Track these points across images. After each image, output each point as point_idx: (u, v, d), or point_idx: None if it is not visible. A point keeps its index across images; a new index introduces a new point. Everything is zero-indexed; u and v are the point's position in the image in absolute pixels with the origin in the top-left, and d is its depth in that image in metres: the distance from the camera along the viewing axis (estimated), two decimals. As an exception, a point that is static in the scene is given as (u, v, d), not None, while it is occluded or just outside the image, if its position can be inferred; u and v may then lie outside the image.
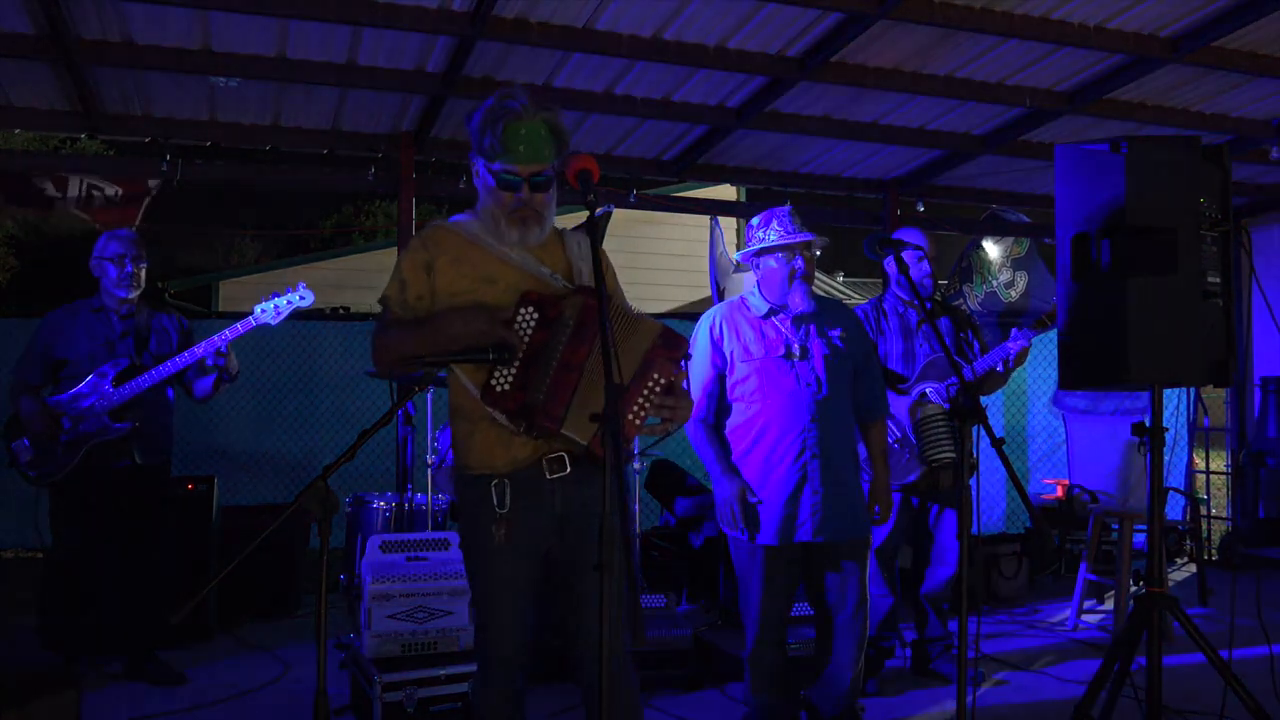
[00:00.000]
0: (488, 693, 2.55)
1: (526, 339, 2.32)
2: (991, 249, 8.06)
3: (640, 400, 2.35)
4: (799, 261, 3.48)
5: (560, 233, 2.61)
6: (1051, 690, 4.32)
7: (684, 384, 2.49)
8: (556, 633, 2.71)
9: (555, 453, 2.44)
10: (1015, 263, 8.00)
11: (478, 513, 2.47)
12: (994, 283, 8.04)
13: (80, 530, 4.26)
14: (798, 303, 3.49)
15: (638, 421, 2.37)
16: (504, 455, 2.43)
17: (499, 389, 2.31)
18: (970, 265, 8.15)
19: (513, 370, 2.31)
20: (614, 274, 2.68)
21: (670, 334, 2.43)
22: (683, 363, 2.46)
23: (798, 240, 3.46)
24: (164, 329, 4.43)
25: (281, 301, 4.20)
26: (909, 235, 4.45)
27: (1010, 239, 7.96)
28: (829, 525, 3.42)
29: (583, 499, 2.48)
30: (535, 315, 2.33)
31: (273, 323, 4.20)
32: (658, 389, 2.37)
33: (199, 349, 4.16)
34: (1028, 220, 7.92)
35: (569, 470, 2.45)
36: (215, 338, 4.13)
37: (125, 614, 4.37)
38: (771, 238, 3.48)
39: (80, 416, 4.14)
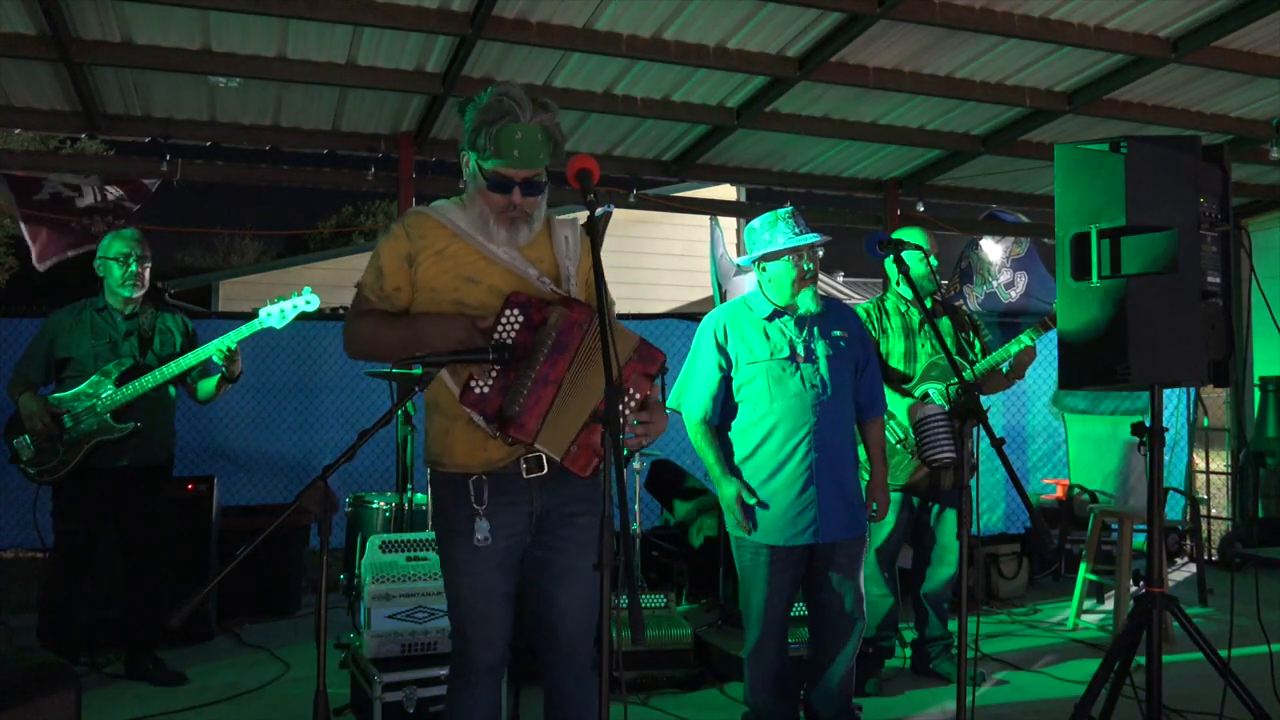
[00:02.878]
0: (465, 698, 2.49)
1: (510, 342, 2.30)
2: (991, 249, 8.07)
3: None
4: (807, 263, 3.48)
5: (548, 223, 2.54)
6: (1051, 690, 4.31)
7: (659, 398, 2.43)
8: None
9: (533, 453, 2.39)
10: (1015, 263, 8.01)
11: (454, 511, 2.43)
12: (994, 283, 8.04)
13: (82, 530, 4.26)
14: (806, 304, 3.50)
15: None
16: (479, 455, 2.40)
17: (478, 391, 2.29)
18: (970, 266, 8.15)
19: (493, 374, 2.29)
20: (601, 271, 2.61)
21: (646, 348, 2.38)
22: (660, 378, 2.41)
23: (806, 243, 3.46)
24: (168, 329, 4.43)
25: (287, 305, 4.19)
26: (911, 235, 4.45)
27: (1010, 239, 7.96)
28: (831, 526, 3.43)
29: (560, 498, 2.45)
30: (520, 319, 2.30)
31: (278, 326, 4.19)
32: (631, 404, 2.32)
33: (204, 350, 4.16)
34: (1027, 220, 7.92)
35: (545, 470, 2.41)
36: (220, 340, 4.12)
37: (126, 613, 4.37)
38: (780, 241, 3.47)
39: (82, 415, 4.14)
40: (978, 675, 4.39)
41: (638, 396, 2.34)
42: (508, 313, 2.31)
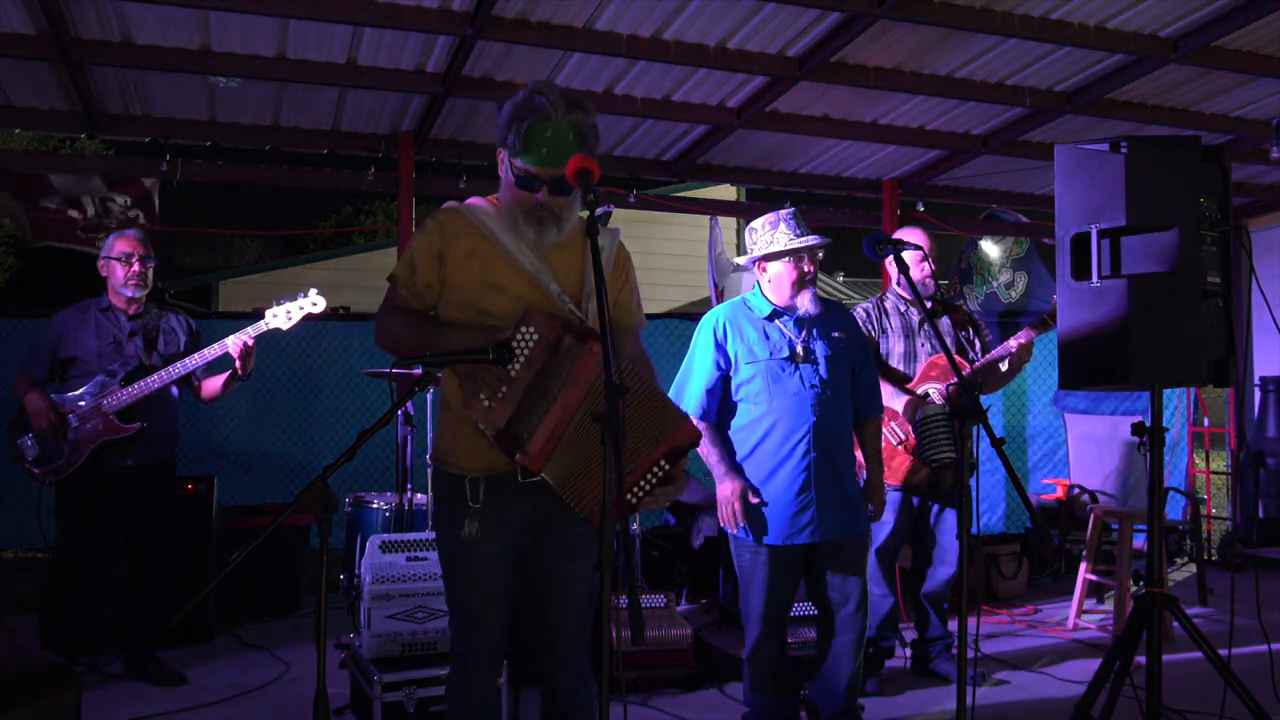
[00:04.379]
0: (463, 690, 2.53)
1: (524, 358, 2.32)
2: (991, 249, 8.07)
3: (642, 483, 2.32)
4: (807, 265, 3.49)
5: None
6: (1051, 690, 4.32)
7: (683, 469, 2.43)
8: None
9: None
10: (1015, 263, 8.01)
11: (451, 508, 2.48)
12: (994, 283, 8.04)
13: (85, 529, 4.26)
14: (805, 305, 3.50)
15: (633, 500, 2.33)
16: (481, 460, 2.43)
17: (487, 405, 2.31)
18: (970, 266, 8.15)
19: (502, 390, 2.30)
20: (633, 289, 2.62)
21: (690, 426, 2.40)
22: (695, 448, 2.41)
23: (807, 244, 3.47)
24: (172, 330, 4.43)
25: (293, 306, 4.19)
26: (910, 235, 4.45)
27: (1010, 239, 7.97)
28: (831, 525, 3.43)
29: (558, 503, 2.43)
30: (535, 337, 2.33)
31: (284, 328, 4.19)
32: (660, 474, 2.33)
33: (210, 351, 4.15)
34: (1027, 220, 7.93)
35: (539, 477, 2.41)
36: (227, 341, 4.12)
37: (127, 613, 4.37)
38: (781, 241, 3.48)
39: (87, 415, 4.14)
40: (978, 675, 4.39)
41: (667, 468, 2.33)
42: (523, 330, 2.33)
